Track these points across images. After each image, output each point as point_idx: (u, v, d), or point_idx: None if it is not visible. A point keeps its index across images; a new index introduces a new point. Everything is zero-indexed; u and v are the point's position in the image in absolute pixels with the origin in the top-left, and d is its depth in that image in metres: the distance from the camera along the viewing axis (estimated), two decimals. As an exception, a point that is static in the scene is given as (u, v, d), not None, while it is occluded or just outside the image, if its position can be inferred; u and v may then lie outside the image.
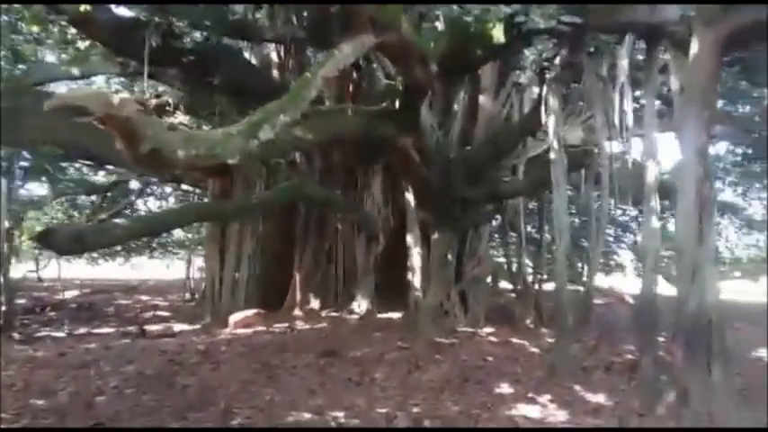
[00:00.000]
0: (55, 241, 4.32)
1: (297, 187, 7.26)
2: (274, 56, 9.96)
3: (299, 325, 7.78)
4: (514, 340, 7.40)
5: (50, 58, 11.05)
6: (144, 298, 15.68)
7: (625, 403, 4.77)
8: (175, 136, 3.00)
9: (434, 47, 6.10)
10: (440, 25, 7.23)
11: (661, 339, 5.53)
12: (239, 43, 9.66)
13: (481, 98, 8.81)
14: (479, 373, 5.62)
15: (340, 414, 4.03)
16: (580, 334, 7.07)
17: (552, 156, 5.94)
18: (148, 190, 15.75)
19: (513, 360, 6.24)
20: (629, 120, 5.57)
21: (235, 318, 7.68)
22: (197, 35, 8.13)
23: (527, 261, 9.77)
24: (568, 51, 5.88)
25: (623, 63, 5.44)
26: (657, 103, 6.41)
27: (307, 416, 3.96)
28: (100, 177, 16.48)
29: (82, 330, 9.00)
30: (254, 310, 8.04)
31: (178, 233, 21.34)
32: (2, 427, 3.52)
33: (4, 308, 9.31)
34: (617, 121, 5.68)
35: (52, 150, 7.47)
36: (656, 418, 4.47)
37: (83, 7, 5.87)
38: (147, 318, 11.01)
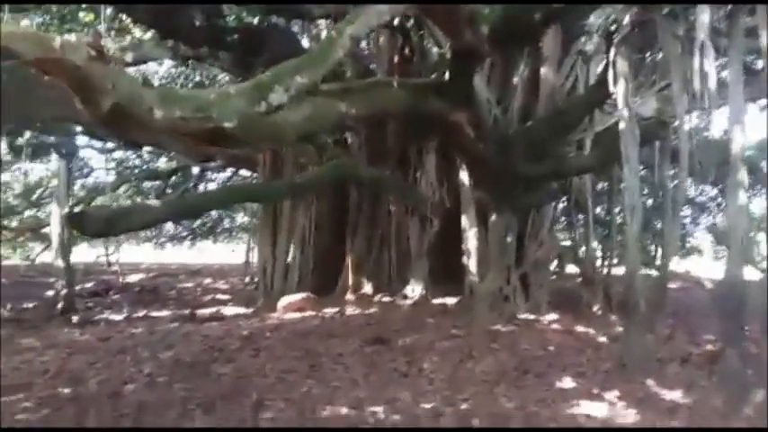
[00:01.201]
0: (86, 224, 4.18)
1: (345, 166, 6.92)
2: (325, 34, 9.62)
3: (350, 310, 7.50)
4: (580, 329, 6.85)
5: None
6: (206, 281, 15.95)
7: (705, 401, 4.20)
8: (149, 93, 2.64)
9: (490, 13, 5.61)
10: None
11: (747, 329, 4.90)
12: (290, 22, 9.39)
13: (543, 70, 8.18)
14: (540, 364, 5.15)
15: (380, 409, 3.68)
16: (654, 322, 6.42)
17: (622, 126, 5.32)
18: (208, 174, 15.89)
19: (578, 350, 5.72)
20: (712, 86, 4.89)
21: (283, 302, 7.48)
22: (243, 14, 7.92)
23: (595, 244, 9.09)
24: (640, 9, 5.24)
25: (704, 19, 4.76)
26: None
27: (344, 411, 3.64)
28: (162, 164, 16.87)
29: (140, 313, 9.12)
30: (304, 294, 7.81)
31: (242, 217, 21.67)
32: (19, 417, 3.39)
33: (64, 291, 9.53)
34: (697, 89, 5.03)
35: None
36: (742, 419, 3.90)
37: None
38: (205, 301, 11.12)
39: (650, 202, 12.65)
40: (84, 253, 21.24)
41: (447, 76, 5.60)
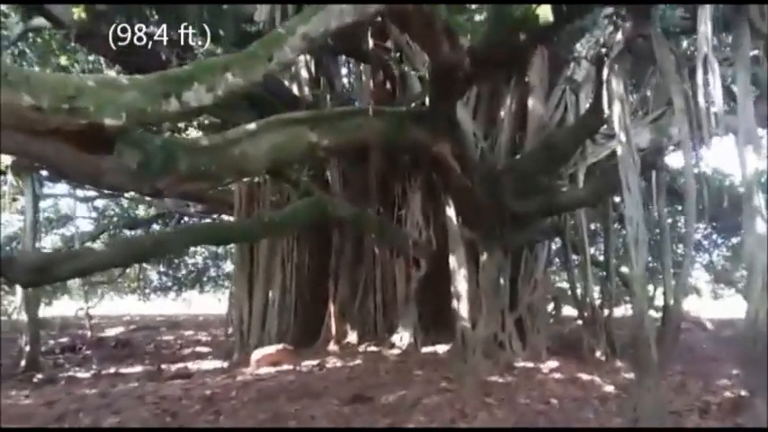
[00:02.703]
0: (15, 271, 3.59)
1: (322, 203, 6.37)
2: (304, 72, 9.23)
3: (331, 362, 6.83)
4: (584, 376, 6.22)
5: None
6: (188, 333, 15.28)
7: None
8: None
9: (473, 35, 5.24)
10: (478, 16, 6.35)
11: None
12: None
13: (530, 101, 7.80)
14: (541, 420, 4.52)
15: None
16: (664, 369, 5.84)
17: (620, 151, 4.84)
18: (188, 221, 15.33)
19: (583, 402, 5.09)
20: (718, 106, 4.44)
21: (257, 355, 6.79)
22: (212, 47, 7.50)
23: (592, 285, 8.52)
24: (633, 25, 4.84)
25: (705, 31, 4.35)
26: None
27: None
28: (141, 212, 16.35)
29: (110, 370, 8.49)
30: (280, 346, 7.14)
31: (229, 265, 20.98)
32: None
33: (28, 348, 8.91)
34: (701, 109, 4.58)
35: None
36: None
37: (76, 15, 5.25)
38: (183, 355, 10.48)
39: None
40: (65, 306, 20.48)
41: (427, 100, 5.15)
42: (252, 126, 4.51)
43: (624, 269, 11.95)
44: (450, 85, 4.66)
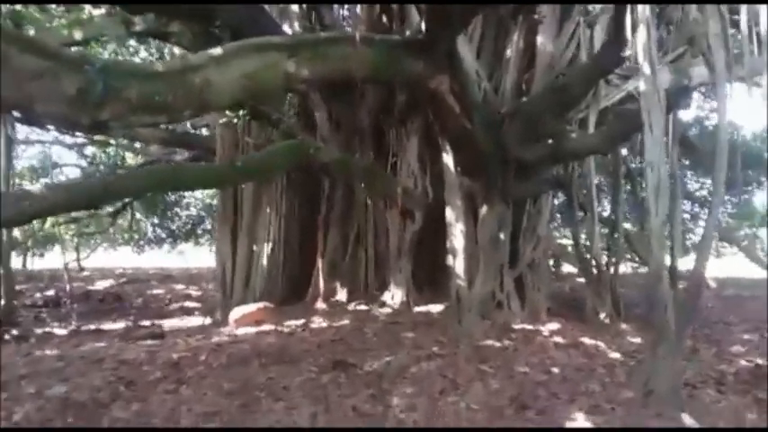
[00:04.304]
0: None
1: (302, 146, 5.71)
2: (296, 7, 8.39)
3: (316, 322, 6.32)
4: (587, 341, 5.72)
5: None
6: (179, 287, 14.89)
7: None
8: None
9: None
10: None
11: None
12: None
13: (539, 38, 7.04)
14: (542, 393, 4.00)
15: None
16: (678, 334, 5.32)
17: (643, 86, 4.17)
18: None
19: (588, 372, 4.58)
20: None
21: (236, 314, 6.27)
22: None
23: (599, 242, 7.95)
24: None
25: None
26: None
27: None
28: (129, 158, 15.76)
29: (91, 326, 8.05)
30: (261, 304, 6.61)
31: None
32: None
33: (2, 302, 8.46)
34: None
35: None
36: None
37: None
38: (170, 310, 10.09)
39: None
40: (55, 258, 20.08)
41: (423, 27, 4.46)
42: (218, 51, 3.84)
43: (627, 226, 11.47)
44: (448, 10, 3.95)
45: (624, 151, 9.85)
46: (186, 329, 6.43)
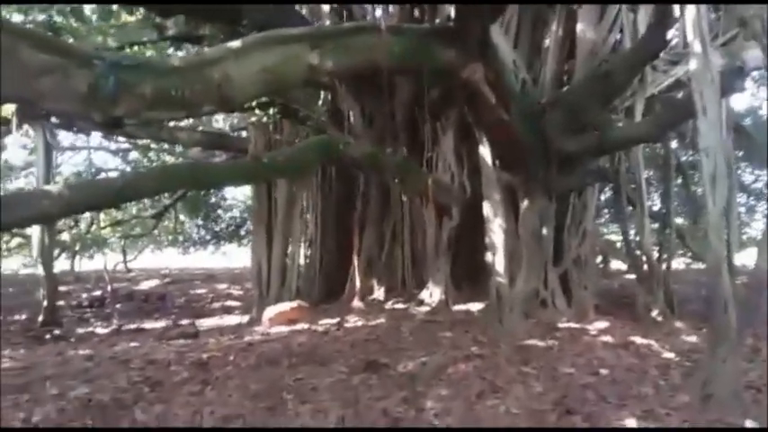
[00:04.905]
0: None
1: (331, 142, 5.56)
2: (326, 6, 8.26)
3: (352, 321, 6.16)
4: (638, 340, 5.36)
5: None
6: (221, 287, 15.07)
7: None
8: None
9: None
10: None
11: None
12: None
13: (579, 26, 6.71)
14: (589, 397, 3.72)
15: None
16: (740, 334, 4.92)
17: (694, 66, 3.84)
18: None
19: (640, 374, 4.26)
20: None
21: (270, 312, 6.17)
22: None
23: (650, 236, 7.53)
24: None
25: None
26: None
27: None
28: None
29: (132, 326, 8.20)
30: (296, 303, 6.49)
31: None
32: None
33: (45, 302, 8.68)
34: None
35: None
36: None
37: None
38: (212, 309, 10.22)
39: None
40: (102, 260, 20.62)
41: (453, 14, 4.24)
42: (237, 43, 3.73)
43: (678, 220, 10.89)
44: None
45: (674, 143, 9.39)
46: (220, 328, 6.37)
